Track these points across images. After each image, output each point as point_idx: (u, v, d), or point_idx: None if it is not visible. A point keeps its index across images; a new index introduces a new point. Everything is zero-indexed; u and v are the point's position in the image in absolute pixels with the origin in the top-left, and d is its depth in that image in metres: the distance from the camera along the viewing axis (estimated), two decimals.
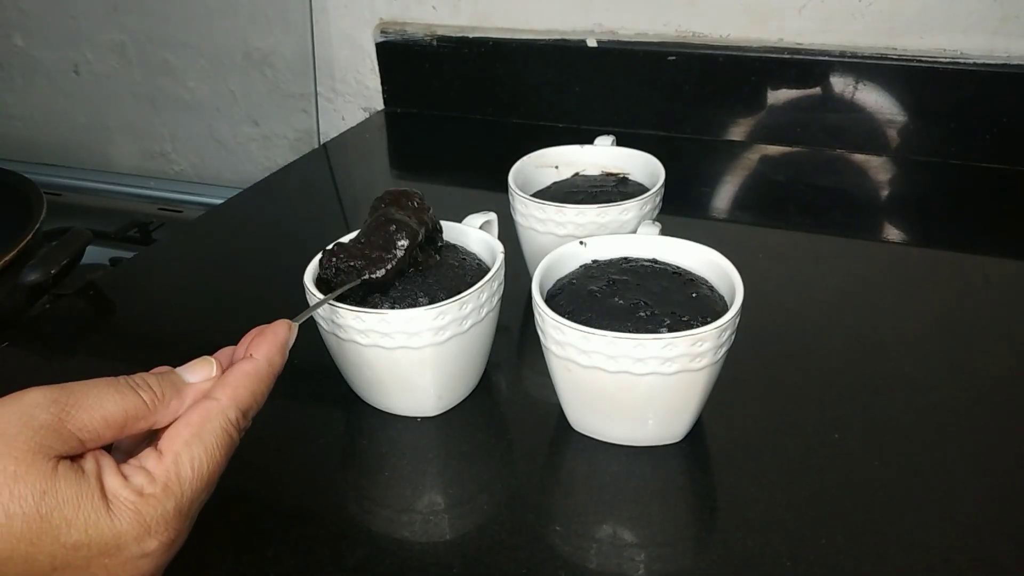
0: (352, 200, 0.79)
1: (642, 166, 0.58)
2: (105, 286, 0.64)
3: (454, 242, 0.50)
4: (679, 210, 0.62)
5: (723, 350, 0.41)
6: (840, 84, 0.77)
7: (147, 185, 1.08)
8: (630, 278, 0.44)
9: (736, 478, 0.42)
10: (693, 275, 0.45)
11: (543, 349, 0.43)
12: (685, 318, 0.41)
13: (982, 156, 0.75)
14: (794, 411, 0.46)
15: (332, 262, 0.44)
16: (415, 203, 0.46)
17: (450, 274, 0.46)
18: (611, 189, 0.57)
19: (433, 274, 0.45)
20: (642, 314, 0.42)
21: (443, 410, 0.47)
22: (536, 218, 0.53)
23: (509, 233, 0.54)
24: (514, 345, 0.54)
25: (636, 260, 0.47)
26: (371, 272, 0.43)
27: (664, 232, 0.49)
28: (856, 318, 0.54)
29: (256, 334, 0.35)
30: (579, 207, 0.52)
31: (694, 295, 0.43)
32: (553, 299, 0.44)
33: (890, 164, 0.77)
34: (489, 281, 0.44)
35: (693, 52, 0.80)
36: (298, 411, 0.49)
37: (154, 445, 0.30)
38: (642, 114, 0.85)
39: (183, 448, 0.29)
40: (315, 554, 0.39)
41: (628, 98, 0.85)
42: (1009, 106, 0.72)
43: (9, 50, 1.14)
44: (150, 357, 0.34)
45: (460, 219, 0.51)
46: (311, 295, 0.44)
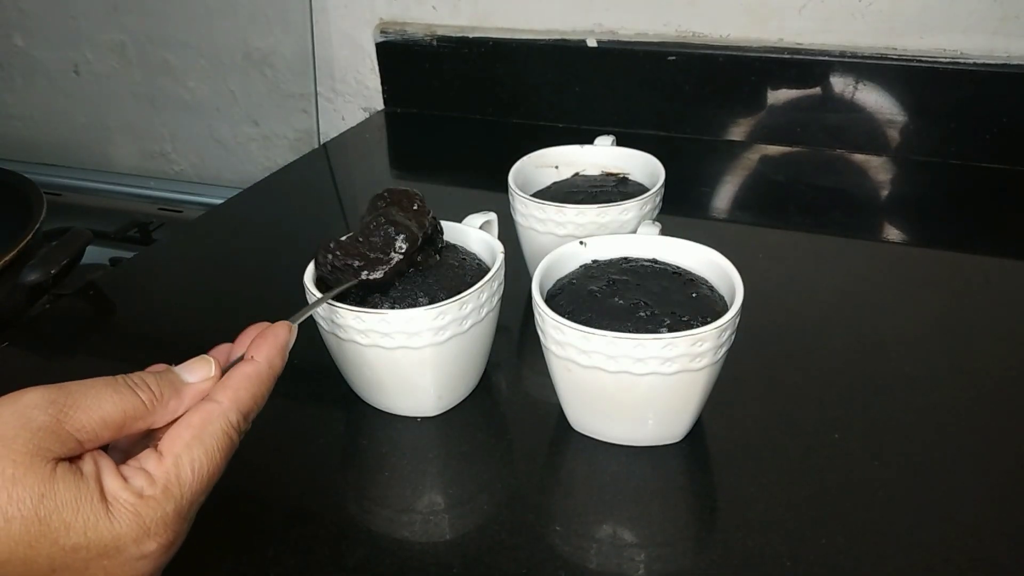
0: (352, 200, 0.79)
1: (642, 166, 0.58)
2: (105, 286, 0.64)
3: (454, 242, 0.50)
4: (679, 210, 0.62)
5: (723, 350, 0.41)
6: (840, 84, 0.77)
7: (147, 185, 1.08)
8: (630, 278, 0.44)
9: (736, 478, 0.42)
10: (693, 275, 0.45)
11: (543, 349, 0.43)
12: (685, 318, 0.41)
13: (982, 156, 0.75)
14: (794, 411, 0.46)
15: (328, 259, 0.43)
16: (416, 205, 0.46)
17: (450, 274, 0.46)
18: (611, 189, 0.57)
19: (433, 274, 0.45)
20: (642, 314, 0.42)
21: (443, 410, 0.47)
22: (536, 218, 0.53)
23: (509, 233, 0.54)
24: (514, 345, 0.54)
25: (636, 260, 0.47)
26: (369, 272, 0.43)
27: (664, 232, 0.49)
28: (856, 318, 0.54)
29: (255, 333, 0.35)
30: (579, 207, 0.52)
31: (694, 295, 0.43)
32: (553, 299, 0.44)
33: (890, 164, 0.77)
34: (489, 281, 0.44)
35: (693, 52, 0.80)
36: (298, 411, 0.49)
37: (154, 446, 0.30)
38: (642, 114, 0.85)
39: (184, 450, 0.29)
40: (315, 554, 0.39)
41: (628, 98, 0.85)
42: (1009, 106, 0.72)
43: (9, 50, 1.14)
44: (150, 357, 0.34)
45: (460, 219, 0.51)
46: (311, 295, 0.44)
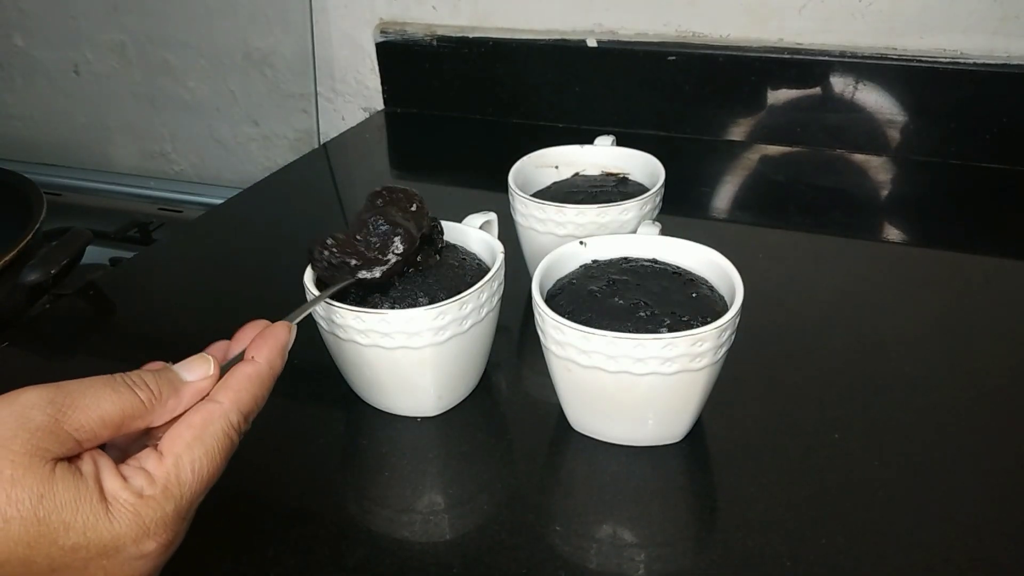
0: (352, 200, 0.79)
1: (642, 166, 0.58)
2: (105, 286, 0.64)
3: (454, 242, 0.49)
4: (679, 210, 0.62)
5: (723, 350, 0.41)
6: (840, 84, 0.77)
7: (147, 185, 1.08)
8: (630, 278, 0.44)
9: (736, 478, 0.42)
10: (693, 275, 0.45)
11: (543, 349, 0.43)
12: (685, 318, 0.41)
13: (982, 156, 0.75)
14: (794, 411, 0.46)
15: (324, 255, 0.43)
16: (415, 206, 0.45)
17: (450, 274, 0.46)
18: (611, 189, 0.57)
19: (433, 274, 0.45)
20: (642, 314, 0.42)
21: (443, 410, 0.47)
22: (536, 218, 0.53)
23: (509, 233, 0.54)
24: (514, 345, 0.54)
25: (636, 260, 0.47)
26: (366, 272, 0.43)
27: (664, 232, 0.49)
28: (856, 318, 0.54)
29: (253, 331, 0.35)
30: (579, 207, 0.52)
31: (694, 295, 0.43)
32: (553, 299, 0.44)
33: (890, 164, 0.77)
34: (489, 281, 0.44)
35: (693, 52, 0.80)
36: (298, 411, 0.49)
37: (154, 446, 0.30)
38: (642, 114, 0.85)
39: (184, 450, 0.29)
40: (315, 554, 0.39)
41: (628, 98, 0.85)
42: (1009, 106, 0.72)
43: (9, 50, 1.14)
44: (150, 357, 0.34)
45: (460, 219, 0.51)
46: (310, 295, 0.44)
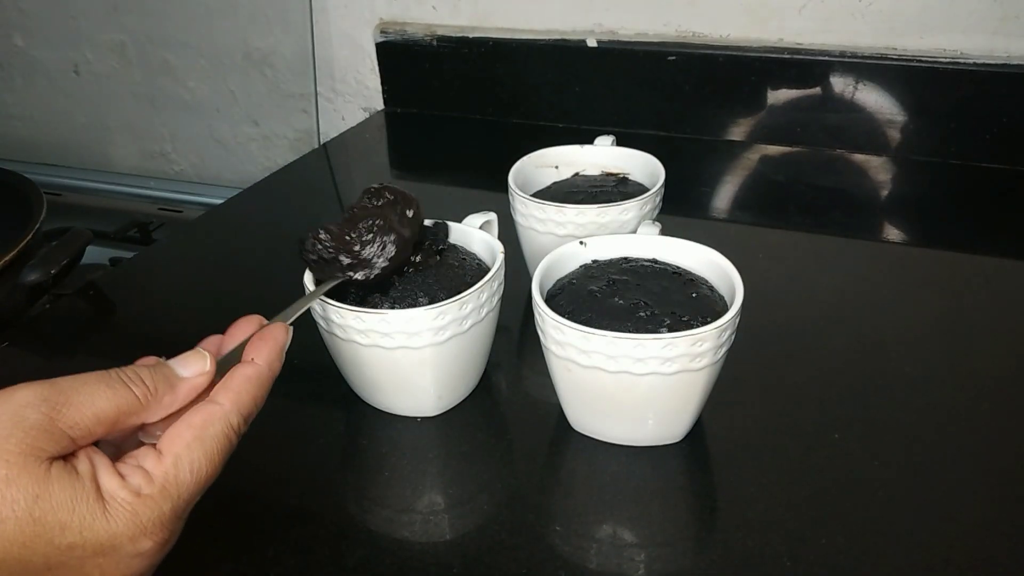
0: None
1: (642, 166, 0.58)
2: (105, 286, 0.64)
3: (454, 242, 0.50)
4: (679, 210, 0.62)
5: (723, 350, 0.41)
6: (840, 84, 0.77)
7: (147, 185, 1.08)
8: (630, 278, 0.44)
9: (736, 478, 0.42)
10: (693, 275, 0.45)
11: (543, 349, 0.43)
12: (685, 318, 0.41)
13: (982, 156, 0.75)
14: (794, 411, 0.46)
15: (317, 249, 0.43)
16: (411, 212, 0.45)
17: (450, 274, 0.46)
18: (611, 189, 0.57)
19: (433, 274, 0.45)
20: (642, 314, 0.42)
21: (443, 410, 0.47)
22: (536, 218, 0.53)
23: (509, 233, 0.54)
24: (514, 345, 0.54)
25: (636, 260, 0.47)
26: (355, 273, 0.43)
27: (664, 232, 0.49)
28: (856, 318, 0.54)
29: (247, 327, 0.35)
30: (579, 207, 0.52)
31: (694, 295, 0.43)
32: (553, 299, 0.44)
33: (890, 164, 0.77)
34: (489, 281, 0.44)
35: (693, 52, 0.80)
36: (298, 411, 0.49)
37: (152, 444, 0.30)
38: (642, 114, 0.85)
39: (184, 450, 0.29)
40: (315, 554, 0.39)
41: (628, 98, 0.85)
42: (1009, 106, 0.72)
43: (9, 50, 1.14)
44: None
45: (460, 219, 0.51)
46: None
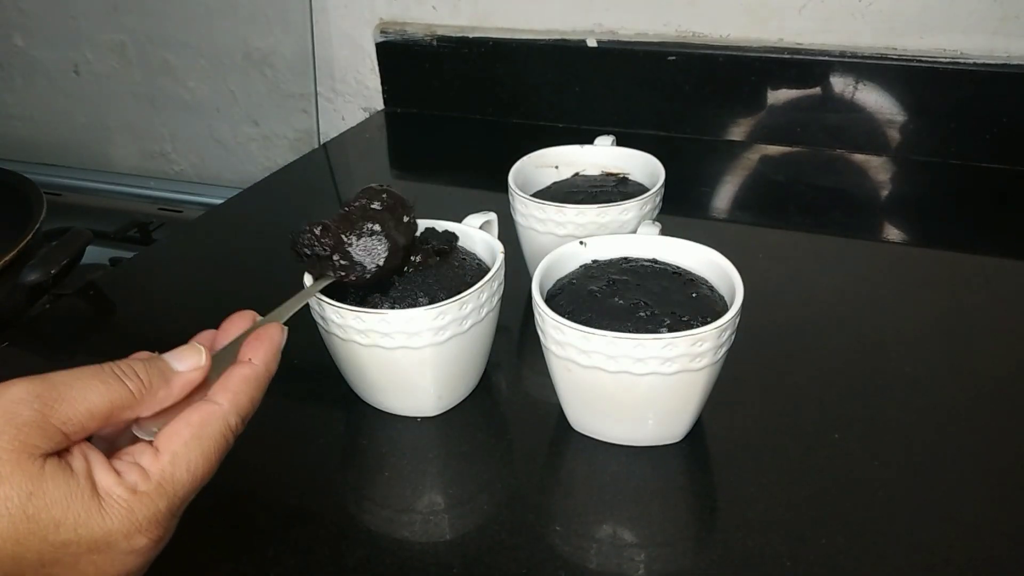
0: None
1: (642, 166, 0.58)
2: (105, 286, 0.64)
3: None
4: (679, 210, 0.62)
5: (723, 350, 0.41)
6: (840, 84, 0.77)
7: (147, 185, 1.07)
8: (630, 278, 0.44)
9: (736, 478, 0.42)
10: (693, 275, 0.45)
11: (543, 349, 0.43)
12: (685, 318, 0.41)
13: (982, 156, 0.75)
14: (794, 411, 0.46)
15: (312, 244, 0.43)
16: (406, 218, 0.45)
17: (450, 274, 0.46)
18: (611, 189, 0.57)
19: (433, 274, 0.45)
20: (642, 314, 0.42)
21: (443, 410, 0.47)
22: (536, 218, 0.53)
23: (509, 233, 0.54)
24: (514, 345, 0.54)
25: (636, 260, 0.47)
26: (348, 274, 0.43)
27: (664, 232, 0.49)
28: (856, 318, 0.54)
29: (239, 322, 0.35)
30: (579, 207, 0.52)
31: (694, 295, 0.43)
32: (553, 299, 0.44)
33: (890, 164, 0.77)
34: (489, 281, 0.44)
35: (693, 52, 0.80)
36: (298, 411, 0.49)
37: (149, 441, 0.30)
38: (642, 114, 0.85)
39: (182, 448, 0.29)
40: (315, 554, 0.39)
41: (628, 98, 0.85)
42: (1009, 106, 0.72)
43: (9, 50, 1.14)
44: None
45: (460, 219, 0.51)
46: (312, 299, 0.44)
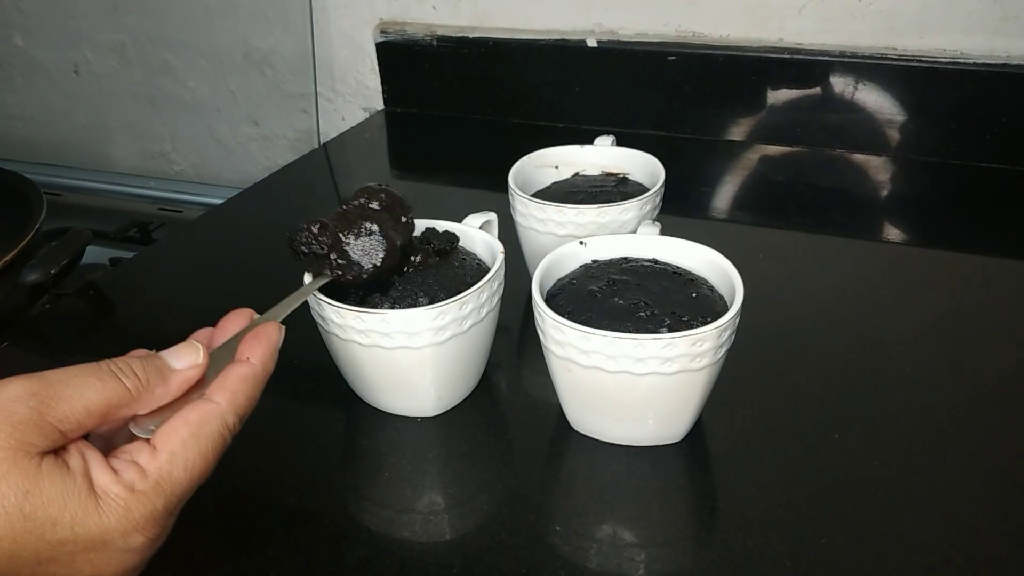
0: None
1: (642, 166, 0.58)
2: (105, 286, 0.64)
3: None
4: (679, 210, 0.62)
5: (723, 350, 0.41)
6: (840, 84, 0.77)
7: (147, 185, 1.07)
8: (630, 278, 0.44)
9: (736, 478, 0.42)
10: (693, 275, 0.45)
11: (543, 349, 0.43)
12: (685, 318, 0.41)
13: (982, 156, 0.75)
14: (794, 411, 0.46)
15: (309, 242, 0.43)
16: (404, 218, 0.45)
17: (450, 274, 0.46)
18: (611, 189, 0.57)
19: (433, 274, 0.45)
20: (642, 314, 0.42)
21: (443, 410, 0.47)
22: (536, 218, 0.53)
23: (509, 233, 0.54)
24: (514, 345, 0.54)
25: (636, 260, 0.47)
26: (345, 273, 0.43)
27: (664, 232, 0.49)
28: (856, 318, 0.54)
29: (237, 320, 0.35)
30: (579, 207, 0.52)
31: (694, 295, 0.43)
32: (553, 299, 0.44)
33: (890, 164, 0.77)
34: (489, 281, 0.44)
35: (693, 52, 0.80)
36: (298, 411, 0.49)
37: (146, 439, 0.30)
38: (642, 114, 0.85)
39: (179, 447, 0.29)
40: (315, 554, 0.39)
41: (628, 98, 0.85)
42: (1009, 106, 0.72)
43: (9, 50, 1.14)
44: None
45: (460, 219, 0.51)
46: (313, 299, 0.44)
